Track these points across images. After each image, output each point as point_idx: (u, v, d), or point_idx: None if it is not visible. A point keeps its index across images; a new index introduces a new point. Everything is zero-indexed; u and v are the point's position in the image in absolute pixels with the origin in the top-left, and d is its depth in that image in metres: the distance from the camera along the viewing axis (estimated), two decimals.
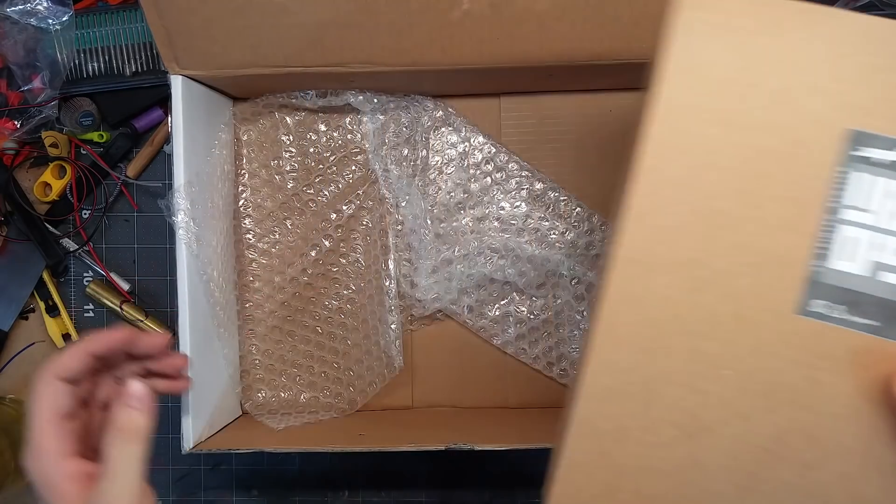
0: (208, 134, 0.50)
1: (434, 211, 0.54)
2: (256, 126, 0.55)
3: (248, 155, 0.55)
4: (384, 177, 0.53)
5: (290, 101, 0.52)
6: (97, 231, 0.57)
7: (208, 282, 0.48)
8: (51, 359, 0.37)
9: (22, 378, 0.57)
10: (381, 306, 0.52)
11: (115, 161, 0.56)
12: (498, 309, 0.54)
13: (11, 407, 0.55)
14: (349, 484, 0.57)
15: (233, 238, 0.54)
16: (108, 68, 0.54)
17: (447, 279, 0.53)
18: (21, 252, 0.56)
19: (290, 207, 0.55)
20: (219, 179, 0.51)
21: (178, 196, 0.46)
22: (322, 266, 0.54)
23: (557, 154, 0.55)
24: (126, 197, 0.57)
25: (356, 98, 0.51)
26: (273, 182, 0.55)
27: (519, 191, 0.54)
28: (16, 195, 0.55)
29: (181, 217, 0.46)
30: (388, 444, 0.45)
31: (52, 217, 0.56)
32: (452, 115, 0.54)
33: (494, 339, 0.54)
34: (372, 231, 0.54)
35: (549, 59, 0.45)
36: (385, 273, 0.52)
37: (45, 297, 0.56)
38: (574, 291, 0.54)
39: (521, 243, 0.53)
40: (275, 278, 0.54)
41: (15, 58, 0.52)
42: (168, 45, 0.44)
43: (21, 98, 0.53)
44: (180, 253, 0.46)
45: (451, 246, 0.53)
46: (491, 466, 0.57)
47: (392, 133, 0.54)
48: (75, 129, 0.55)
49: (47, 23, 0.51)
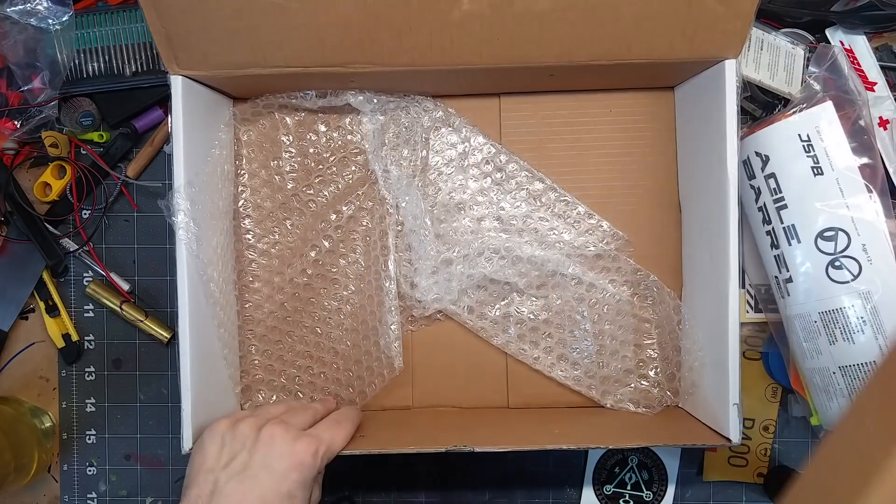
0: (208, 134, 0.50)
1: (434, 211, 0.54)
2: (256, 126, 0.54)
3: (247, 155, 0.54)
4: (384, 177, 0.53)
5: (289, 102, 0.52)
6: (97, 231, 0.57)
7: (208, 282, 0.48)
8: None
9: (22, 378, 0.57)
10: (380, 307, 0.52)
11: (115, 161, 0.56)
12: (498, 309, 0.54)
13: (11, 407, 0.55)
14: (350, 483, 0.57)
15: (232, 238, 0.54)
16: (108, 68, 0.54)
17: (447, 280, 0.53)
18: (21, 252, 0.56)
19: (290, 208, 0.55)
20: (219, 179, 0.51)
21: (178, 196, 0.46)
22: (321, 266, 0.54)
23: (557, 154, 0.55)
24: (126, 197, 0.57)
25: (356, 98, 0.51)
26: (273, 182, 0.54)
27: (519, 191, 0.54)
28: (16, 195, 0.55)
29: (181, 217, 0.46)
30: (388, 447, 0.45)
31: (52, 217, 0.56)
32: (452, 115, 0.54)
33: (494, 339, 0.54)
34: (371, 232, 0.54)
35: (549, 60, 0.44)
36: (385, 273, 0.52)
37: (45, 297, 0.56)
38: (574, 292, 0.54)
39: (521, 243, 0.53)
40: (274, 278, 0.54)
41: (15, 58, 0.52)
42: (167, 45, 0.44)
43: (21, 98, 0.53)
44: (180, 253, 0.46)
45: (451, 246, 0.53)
46: (491, 466, 0.57)
47: (392, 133, 0.54)
48: (75, 129, 0.55)
49: (47, 23, 0.51)
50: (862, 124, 0.48)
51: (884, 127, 0.53)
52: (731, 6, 0.42)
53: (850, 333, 0.46)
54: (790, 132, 0.48)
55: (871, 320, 0.46)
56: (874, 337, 0.46)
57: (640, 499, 0.57)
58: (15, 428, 0.53)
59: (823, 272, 0.47)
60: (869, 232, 0.46)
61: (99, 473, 0.57)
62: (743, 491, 0.58)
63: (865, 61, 0.54)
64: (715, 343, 0.46)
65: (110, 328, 0.57)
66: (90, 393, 0.57)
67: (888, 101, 0.53)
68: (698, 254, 0.51)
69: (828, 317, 0.47)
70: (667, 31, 0.43)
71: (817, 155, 0.47)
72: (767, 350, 0.56)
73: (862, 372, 0.46)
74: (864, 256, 0.46)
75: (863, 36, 0.54)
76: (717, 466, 0.57)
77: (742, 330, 0.56)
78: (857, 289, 0.46)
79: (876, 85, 0.54)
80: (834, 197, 0.47)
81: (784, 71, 0.53)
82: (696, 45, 0.44)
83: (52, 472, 0.57)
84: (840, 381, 0.47)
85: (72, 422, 0.57)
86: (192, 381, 0.45)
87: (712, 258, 0.47)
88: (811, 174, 0.47)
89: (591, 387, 0.53)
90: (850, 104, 0.48)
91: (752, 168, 0.50)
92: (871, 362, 0.46)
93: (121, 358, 0.57)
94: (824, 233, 0.47)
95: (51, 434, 0.56)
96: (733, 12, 0.42)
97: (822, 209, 0.47)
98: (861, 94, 0.48)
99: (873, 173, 0.47)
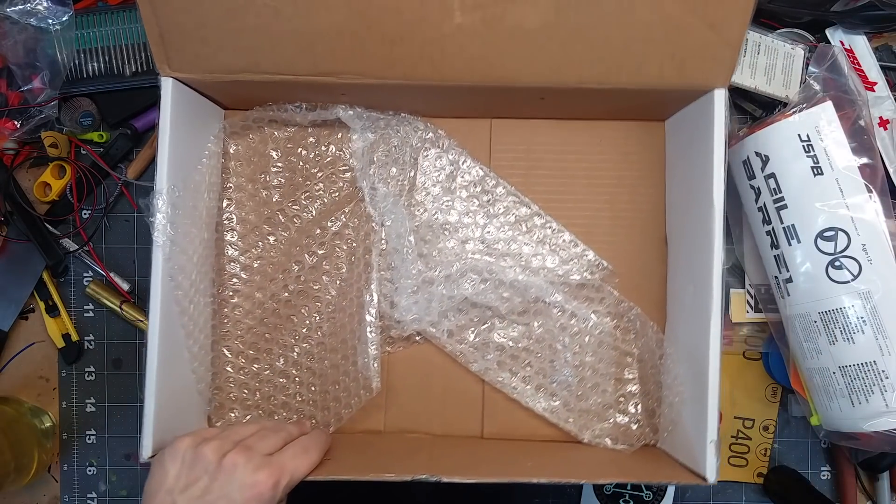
0: (197, 142, 0.50)
1: (419, 231, 0.53)
2: (245, 140, 0.54)
3: (235, 168, 0.54)
4: (370, 195, 0.52)
5: (280, 116, 0.51)
6: (97, 231, 0.57)
7: (176, 289, 0.46)
8: None
9: (22, 378, 0.57)
10: (360, 325, 0.50)
11: (115, 161, 0.56)
12: (478, 334, 0.53)
13: (11, 407, 0.55)
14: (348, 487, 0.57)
15: (213, 251, 0.52)
16: (108, 68, 0.54)
17: (427, 300, 0.52)
18: (21, 252, 0.56)
19: (275, 222, 0.54)
20: (205, 189, 0.50)
21: (159, 198, 0.45)
22: (304, 283, 0.53)
23: (545, 180, 0.54)
24: (126, 197, 0.57)
25: (346, 113, 0.51)
26: (259, 196, 0.53)
27: (505, 215, 0.54)
28: (16, 195, 0.55)
29: (159, 219, 0.45)
30: (354, 473, 0.43)
31: (52, 217, 0.56)
32: (442, 136, 0.54)
33: (473, 364, 0.52)
34: (356, 249, 0.53)
35: (538, 80, 0.44)
36: (367, 292, 0.51)
37: (45, 297, 0.56)
38: (557, 321, 0.52)
39: (505, 268, 0.52)
40: (255, 294, 0.53)
41: (15, 58, 0.52)
42: (160, 44, 0.43)
43: (21, 98, 0.53)
44: (156, 257, 0.45)
45: (433, 267, 0.52)
46: None
47: (381, 152, 0.53)
48: (75, 129, 0.55)
49: (47, 23, 0.51)
50: (862, 124, 0.48)
51: (884, 127, 0.53)
52: (722, 33, 0.42)
53: (850, 333, 0.46)
54: (790, 132, 0.48)
55: (871, 320, 0.46)
56: (874, 337, 0.46)
57: (640, 498, 0.56)
58: (15, 428, 0.53)
59: (823, 272, 0.47)
60: (869, 232, 0.46)
61: (99, 473, 0.57)
62: (743, 491, 0.58)
63: (865, 61, 0.54)
64: (695, 379, 0.46)
65: (110, 328, 0.57)
66: (90, 393, 0.57)
67: (888, 101, 0.53)
68: (683, 287, 0.50)
69: (828, 317, 0.47)
70: (656, 56, 0.43)
71: (817, 155, 0.47)
72: (767, 350, 0.56)
73: (862, 372, 0.46)
74: (864, 256, 0.46)
75: (863, 36, 0.54)
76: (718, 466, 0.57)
77: (742, 330, 0.57)
78: (857, 289, 0.46)
79: (876, 85, 0.54)
80: (834, 197, 0.47)
81: (782, 73, 0.53)
82: (686, 72, 0.43)
83: (52, 472, 0.57)
84: (840, 381, 0.47)
85: (72, 422, 0.57)
86: (156, 389, 0.44)
87: (695, 292, 0.46)
88: (811, 174, 0.47)
89: (569, 420, 0.52)
90: (850, 104, 0.48)
91: (751, 168, 0.50)
92: (871, 362, 0.46)
93: (121, 358, 0.57)
94: (824, 233, 0.47)
95: (51, 434, 0.56)
96: (723, 39, 0.42)
97: (821, 209, 0.47)
98: (861, 94, 0.48)
99: (873, 173, 0.47)
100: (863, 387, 0.46)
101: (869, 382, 0.46)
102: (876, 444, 0.47)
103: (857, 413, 0.47)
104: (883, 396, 0.45)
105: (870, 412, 0.46)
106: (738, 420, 0.57)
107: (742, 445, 0.57)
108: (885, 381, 0.45)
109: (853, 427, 0.47)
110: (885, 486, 0.55)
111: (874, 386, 0.46)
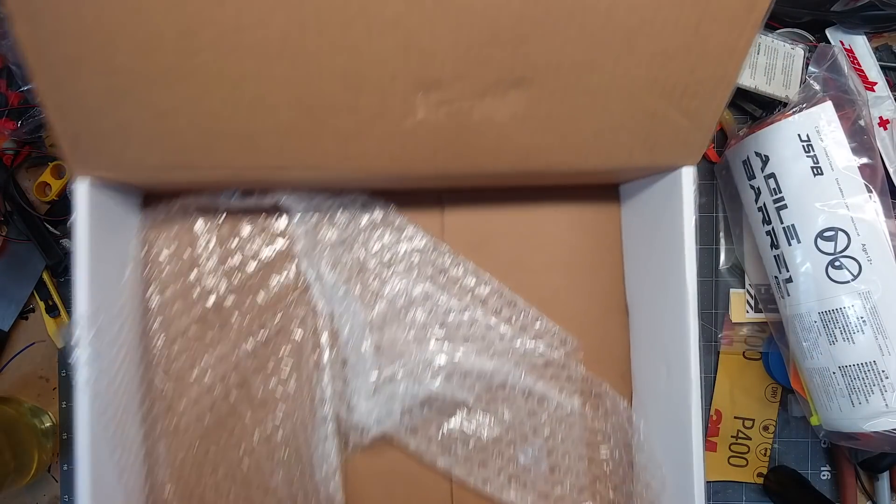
0: (116, 245, 0.45)
1: (372, 320, 0.48)
2: (169, 232, 0.48)
3: (159, 266, 0.48)
4: (317, 283, 0.48)
5: (208, 203, 0.46)
6: None
7: (110, 422, 0.42)
8: None
9: (22, 378, 0.57)
10: (314, 434, 0.46)
11: None
12: (443, 428, 0.49)
13: (11, 407, 0.55)
14: None
15: (140, 367, 0.47)
16: None
17: (389, 399, 0.47)
18: (21, 252, 0.56)
19: (209, 323, 0.48)
20: (128, 300, 0.45)
21: (81, 328, 0.40)
22: (247, 389, 0.48)
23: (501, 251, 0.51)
24: None
25: (287, 198, 0.46)
26: (188, 296, 0.48)
27: (463, 295, 0.50)
28: (16, 195, 0.55)
29: (83, 354, 0.40)
30: None
31: (52, 217, 0.56)
32: (392, 212, 0.50)
33: (438, 461, 0.49)
34: (303, 347, 0.48)
35: (504, 168, 0.42)
36: (319, 396, 0.47)
37: (45, 297, 0.56)
38: (525, 407, 0.50)
39: (469, 353, 0.49)
40: (192, 408, 0.47)
41: (15, 58, 0.52)
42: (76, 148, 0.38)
43: (21, 98, 0.53)
44: (81, 401, 0.40)
45: (391, 361, 0.48)
46: None
47: (326, 234, 0.49)
48: None
49: None
50: (862, 124, 0.48)
51: (884, 127, 0.53)
52: (695, 119, 0.40)
53: (850, 333, 0.46)
54: (790, 132, 0.48)
55: (871, 320, 0.46)
56: (874, 337, 0.46)
57: None
58: (15, 428, 0.53)
59: (823, 272, 0.47)
60: (869, 232, 0.46)
61: None
62: (743, 491, 0.58)
63: (865, 61, 0.54)
64: (678, 469, 0.43)
65: None
66: None
67: (888, 101, 0.53)
68: (653, 365, 0.48)
69: (828, 317, 0.47)
70: (628, 142, 0.41)
71: (817, 155, 0.47)
72: (767, 350, 0.56)
73: (862, 372, 0.46)
74: (864, 256, 0.46)
75: (863, 36, 0.54)
76: (717, 466, 0.57)
77: (742, 330, 0.57)
78: (857, 289, 0.46)
79: (876, 85, 0.54)
80: (834, 197, 0.47)
81: (782, 73, 0.53)
82: (656, 156, 0.41)
83: (52, 472, 0.57)
84: (840, 381, 0.47)
85: (72, 422, 0.57)
86: None
87: (670, 375, 0.44)
88: (811, 174, 0.47)
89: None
90: (850, 104, 0.48)
91: (751, 168, 0.50)
92: (870, 362, 0.46)
93: None
94: (824, 233, 0.47)
95: (51, 434, 0.56)
96: (696, 125, 0.40)
97: (821, 209, 0.47)
98: (861, 94, 0.48)
99: (873, 173, 0.47)
100: (863, 387, 0.46)
101: (869, 382, 0.46)
102: (876, 444, 0.47)
103: (857, 413, 0.47)
104: (883, 396, 0.45)
105: (870, 412, 0.46)
106: (737, 420, 0.57)
107: (742, 445, 0.57)
108: (885, 381, 0.45)
109: (853, 427, 0.47)
110: (885, 486, 0.56)
111: (874, 386, 0.46)
